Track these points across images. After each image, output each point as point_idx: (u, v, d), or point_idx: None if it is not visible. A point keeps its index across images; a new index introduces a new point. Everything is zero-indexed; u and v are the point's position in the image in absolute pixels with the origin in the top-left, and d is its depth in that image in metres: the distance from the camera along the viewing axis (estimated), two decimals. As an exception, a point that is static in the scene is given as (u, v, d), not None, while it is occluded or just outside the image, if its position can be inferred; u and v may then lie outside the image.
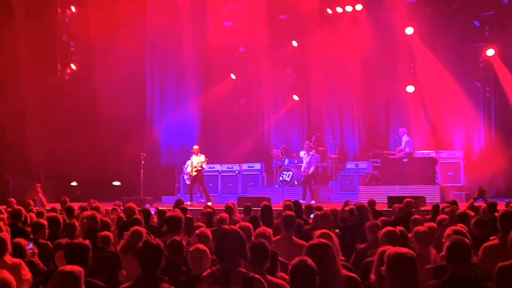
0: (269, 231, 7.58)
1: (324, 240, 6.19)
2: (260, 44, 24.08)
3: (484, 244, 7.54)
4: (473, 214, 9.88)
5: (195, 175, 20.55)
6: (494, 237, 7.79)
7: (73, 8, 24.40)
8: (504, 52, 21.21)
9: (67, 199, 13.94)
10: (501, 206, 11.51)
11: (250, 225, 7.93)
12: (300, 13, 23.36)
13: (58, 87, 23.74)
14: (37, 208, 13.72)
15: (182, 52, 24.74)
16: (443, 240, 7.11)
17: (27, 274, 7.34)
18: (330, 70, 23.44)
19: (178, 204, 13.20)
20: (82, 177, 23.51)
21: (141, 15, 23.61)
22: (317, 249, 5.97)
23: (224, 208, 12.06)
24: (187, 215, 10.40)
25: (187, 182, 21.02)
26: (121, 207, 13.25)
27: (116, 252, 8.18)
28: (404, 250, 5.52)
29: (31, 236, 9.05)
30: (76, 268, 5.57)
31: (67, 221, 9.74)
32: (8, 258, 7.39)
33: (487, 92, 22.22)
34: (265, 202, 12.19)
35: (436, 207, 11.73)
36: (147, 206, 13.13)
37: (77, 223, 9.39)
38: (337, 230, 10.11)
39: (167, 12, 23.30)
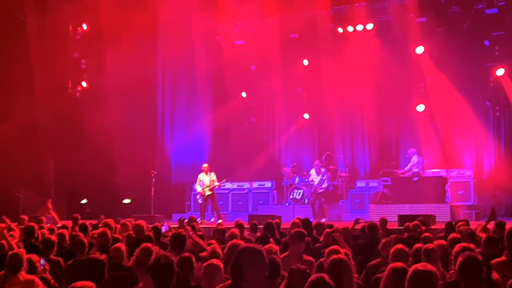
0: (276, 247, 7.62)
1: (343, 257, 6.19)
2: (271, 63, 24.15)
3: (492, 261, 7.56)
4: (483, 235, 9.90)
5: (209, 194, 20.64)
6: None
7: (84, 26, 24.60)
8: (513, 71, 21.24)
9: (79, 216, 14.02)
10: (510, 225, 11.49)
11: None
12: (311, 32, 23.40)
13: (69, 105, 23.87)
14: (48, 225, 13.78)
15: (194, 70, 24.86)
16: (452, 257, 7.15)
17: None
18: (341, 89, 23.42)
19: (191, 221, 13.27)
20: (92, 195, 23.59)
21: (153, 33, 23.76)
22: (336, 266, 5.95)
23: (234, 225, 12.11)
24: (199, 233, 10.45)
25: (199, 201, 21.08)
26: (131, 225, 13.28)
27: (131, 267, 8.17)
28: (426, 266, 5.45)
29: (42, 253, 9.10)
30: (88, 284, 5.56)
31: (78, 238, 9.76)
32: (22, 275, 7.44)
33: (497, 112, 22.18)
34: (269, 220, 12.28)
35: (450, 225, 11.77)
36: (164, 225, 13.11)
37: (86, 240, 9.38)
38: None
39: (178, 30, 23.42)
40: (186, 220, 13.30)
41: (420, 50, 22.30)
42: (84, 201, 23.98)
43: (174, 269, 6.06)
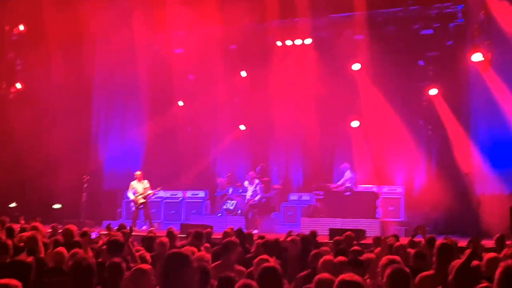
0: (207, 256, 7.60)
1: (274, 265, 6.22)
2: (209, 73, 24.17)
3: (420, 274, 7.71)
4: (411, 250, 10.10)
5: (142, 202, 20.52)
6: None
7: (21, 27, 24.19)
8: (446, 92, 21.64)
9: (7, 219, 13.76)
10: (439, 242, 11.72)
11: (195, 249, 7.94)
12: (250, 44, 23.56)
13: (1, 106, 23.47)
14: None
15: (131, 77, 24.60)
16: (379, 269, 7.29)
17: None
18: (278, 101, 23.53)
19: (121, 228, 13.15)
20: (22, 199, 23.13)
21: (90, 38, 23.50)
22: (267, 273, 5.96)
23: (165, 234, 12.06)
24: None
25: (132, 208, 20.96)
26: (60, 230, 13.09)
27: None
28: (353, 277, 5.48)
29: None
30: (13, 282, 5.48)
31: (2, 240, 9.54)
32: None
33: (429, 130, 22.57)
34: (198, 230, 12.24)
35: (377, 239, 12.01)
36: (95, 232, 12.98)
37: (11, 243, 9.15)
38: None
39: (117, 36, 23.21)
40: (115, 228, 13.23)
41: (356, 66, 22.61)
42: (13, 204, 23.45)
43: (92, 273, 5.99)
